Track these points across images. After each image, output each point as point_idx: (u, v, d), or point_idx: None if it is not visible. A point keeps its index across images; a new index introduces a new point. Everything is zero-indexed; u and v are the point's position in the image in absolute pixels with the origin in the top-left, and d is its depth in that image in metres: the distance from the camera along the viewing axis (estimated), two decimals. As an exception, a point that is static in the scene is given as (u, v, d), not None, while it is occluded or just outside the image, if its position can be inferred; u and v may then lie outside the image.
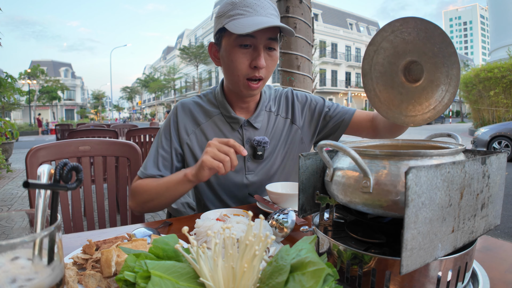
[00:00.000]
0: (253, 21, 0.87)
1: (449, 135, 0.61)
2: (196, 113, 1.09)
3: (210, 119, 1.09)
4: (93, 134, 3.05)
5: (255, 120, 1.08)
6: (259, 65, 0.92)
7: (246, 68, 0.94)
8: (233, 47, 0.93)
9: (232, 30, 0.87)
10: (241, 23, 0.88)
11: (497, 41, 22.05)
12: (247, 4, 0.90)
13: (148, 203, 0.98)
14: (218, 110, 1.09)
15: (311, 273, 0.35)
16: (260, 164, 1.09)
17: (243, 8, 0.90)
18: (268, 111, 1.13)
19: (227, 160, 0.81)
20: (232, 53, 0.93)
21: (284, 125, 1.14)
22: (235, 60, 0.94)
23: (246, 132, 1.07)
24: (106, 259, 0.51)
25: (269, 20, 0.89)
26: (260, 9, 0.91)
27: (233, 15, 0.90)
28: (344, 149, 0.46)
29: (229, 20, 0.91)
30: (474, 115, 13.30)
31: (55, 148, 1.20)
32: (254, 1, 0.91)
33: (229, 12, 0.91)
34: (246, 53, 0.93)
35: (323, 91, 34.87)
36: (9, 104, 24.32)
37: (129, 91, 54.26)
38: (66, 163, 0.35)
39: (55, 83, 32.93)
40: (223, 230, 0.41)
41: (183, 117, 1.08)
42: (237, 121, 1.06)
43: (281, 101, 1.16)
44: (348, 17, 40.06)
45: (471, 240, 0.45)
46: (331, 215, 0.59)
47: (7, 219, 0.39)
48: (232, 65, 0.95)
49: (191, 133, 1.07)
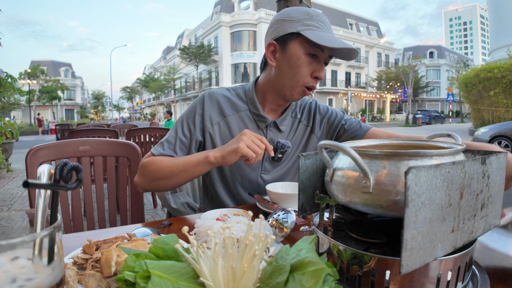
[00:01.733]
0: (330, 37, 0.93)
1: (449, 135, 0.61)
2: (224, 104, 1.09)
3: (237, 113, 1.10)
4: (93, 134, 3.05)
5: (282, 123, 1.11)
6: (320, 77, 0.99)
7: (307, 76, 0.98)
8: (303, 54, 0.96)
9: (313, 39, 0.90)
10: (321, 36, 0.92)
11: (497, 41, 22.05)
12: (322, 20, 0.96)
13: (159, 181, 0.97)
14: (246, 106, 1.11)
15: (311, 273, 0.35)
16: (277, 166, 1.12)
17: (319, 23, 0.95)
18: (294, 117, 1.16)
19: (260, 153, 0.87)
20: (300, 59, 0.97)
21: (304, 133, 1.17)
22: (301, 66, 0.97)
23: (270, 133, 1.10)
24: (106, 259, 0.51)
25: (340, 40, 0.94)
26: (329, 27, 0.98)
27: (310, 25, 0.94)
28: (344, 149, 0.46)
29: (306, 29, 0.94)
30: (474, 115, 13.30)
31: (55, 148, 1.20)
32: (325, 19, 0.98)
33: (305, 20, 0.95)
34: (311, 62, 0.97)
35: (323, 91, 34.87)
36: (9, 104, 24.32)
37: (129, 91, 54.23)
38: (66, 163, 0.35)
39: (55, 83, 32.90)
40: (223, 230, 0.41)
41: (209, 106, 1.08)
42: (264, 120, 1.08)
43: (305, 109, 1.20)
44: (348, 17, 40.06)
45: (471, 240, 0.45)
46: (331, 215, 0.59)
47: (7, 219, 0.39)
48: (297, 70, 0.98)
49: (215, 123, 1.08)
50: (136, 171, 1.30)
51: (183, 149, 1.05)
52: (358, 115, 36.70)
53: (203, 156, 0.91)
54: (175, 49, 45.20)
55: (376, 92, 37.97)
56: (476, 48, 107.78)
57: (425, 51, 49.59)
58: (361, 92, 37.59)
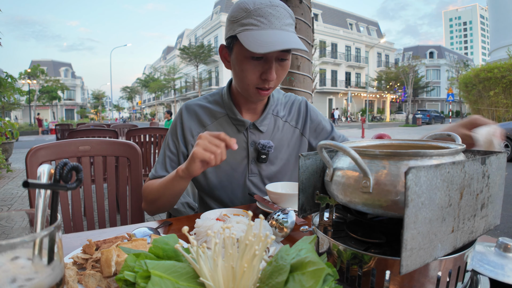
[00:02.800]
0: (268, 37, 0.83)
1: (449, 135, 0.61)
2: (201, 115, 1.09)
3: (216, 121, 1.09)
4: (93, 134, 3.05)
5: (261, 123, 1.08)
6: (269, 79, 0.91)
7: (256, 79, 0.93)
8: (245, 57, 0.90)
9: (245, 45, 0.84)
10: (255, 37, 0.84)
11: (497, 41, 22.04)
12: (261, 14, 0.85)
13: (156, 203, 1.00)
14: (224, 111, 1.09)
15: (311, 273, 0.36)
16: (265, 168, 1.09)
17: (257, 18, 0.85)
18: (275, 115, 1.12)
19: (218, 152, 0.80)
20: (244, 63, 0.91)
21: (293, 134, 1.14)
22: (245, 70, 0.92)
23: (252, 135, 1.07)
24: (106, 259, 0.51)
25: (284, 37, 0.85)
26: (275, 20, 0.86)
27: (246, 25, 0.86)
28: (344, 149, 0.46)
29: (242, 30, 0.87)
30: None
31: (55, 148, 1.20)
32: (270, 10, 0.86)
33: (242, 19, 0.87)
34: (257, 65, 0.91)
35: (323, 91, 34.87)
36: (9, 104, 24.30)
37: (129, 91, 54.22)
38: (66, 163, 0.35)
39: (55, 83, 32.89)
40: (223, 230, 0.41)
41: (188, 119, 1.09)
42: (242, 123, 1.06)
43: (292, 109, 1.16)
44: (348, 17, 40.05)
45: (470, 240, 0.45)
46: (331, 215, 0.59)
47: (7, 219, 0.39)
48: (242, 74, 0.94)
49: (196, 134, 1.07)
50: (136, 171, 1.31)
51: (174, 166, 1.06)
52: (358, 115, 36.72)
53: (174, 172, 0.90)
54: (175, 49, 45.20)
55: (376, 92, 37.98)
56: (476, 48, 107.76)
57: (425, 51, 49.59)
58: (361, 92, 37.59)
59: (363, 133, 12.51)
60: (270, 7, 0.86)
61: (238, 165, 1.07)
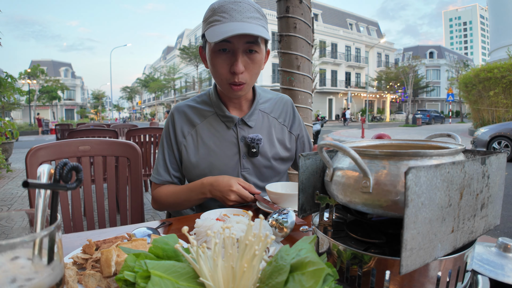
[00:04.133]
0: (226, 28, 0.89)
1: (449, 135, 0.61)
2: (190, 115, 1.12)
3: (205, 120, 1.11)
4: (93, 134, 3.05)
5: (249, 119, 1.11)
6: (235, 71, 0.94)
7: (226, 73, 0.97)
8: (213, 52, 0.96)
9: (207, 38, 0.91)
10: (215, 31, 0.90)
11: (497, 41, 22.04)
12: (224, 10, 0.92)
13: (170, 208, 1.12)
14: (212, 110, 1.12)
15: (310, 273, 0.35)
16: (255, 162, 1.12)
17: (220, 14, 0.92)
18: (263, 111, 1.16)
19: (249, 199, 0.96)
20: (213, 58, 0.97)
21: (282, 131, 1.19)
22: (215, 65, 0.97)
23: (241, 130, 1.10)
24: (106, 259, 0.51)
25: (242, 26, 0.90)
26: (237, 14, 0.91)
27: (212, 22, 0.93)
28: (344, 149, 0.46)
29: (208, 27, 0.94)
30: (473, 115, 13.30)
31: (55, 148, 1.20)
32: (232, 6, 0.92)
33: (209, 18, 0.94)
34: (225, 58, 0.96)
35: (323, 91, 34.87)
36: (9, 104, 24.30)
37: (129, 91, 54.20)
38: (66, 163, 0.35)
39: (55, 83, 32.88)
40: (223, 230, 0.41)
41: (179, 120, 1.12)
42: (231, 119, 1.09)
43: (278, 106, 1.20)
44: (348, 17, 40.06)
45: (470, 240, 0.45)
46: (331, 215, 0.59)
47: (7, 219, 0.39)
48: (213, 70, 0.99)
49: (187, 134, 1.11)
50: (136, 171, 1.31)
51: (175, 167, 1.12)
52: (358, 115, 36.72)
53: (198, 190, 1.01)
54: (175, 49, 45.19)
55: (376, 92, 37.98)
56: (476, 48, 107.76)
57: (425, 51, 49.61)
58: (361, 92, 37.59)
59: (363, 133, 12.51)
60: (232, 3, 0.92)
61: (230, 161, 1.09)
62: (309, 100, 2.25)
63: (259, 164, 1.12)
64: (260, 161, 1.12)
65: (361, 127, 14.47)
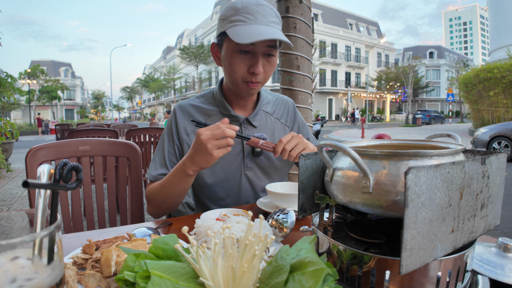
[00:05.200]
0: (253, 30, 0.90)
1: (449, 135, 0.61)
2: (194, 113, 1.12)
3: (210, 118, 1.11)
4: (93, 134, 3.05)
5: (254, 118, 1.12)
6: (256, 72, 0.96)
7: (244, 73, 0.97)
8: (233, 51, 0.96)
9: (232, 38, 0.90)
10: (241, 31, 0.90)
11: (497, 41, 22.03)
12: (248, 11, 0.92)
13: (163, 204, 1.02)
14: (217, 109, 1.12)
15: (310, 273, 0.35)
16: (258, 162, 1.12)
17: (245, 15, 0.92)
18: (265, 111, 1.17)
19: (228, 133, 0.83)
20: (232, 57, 0.96)
21: (284, 131, 1.20)
22: (234, 64, 0.97)
23: (245, 130, 1.11)
24: (106, 259, 0.51)
25: (269, 30, 0.91)
26: (261, 17, 0.92)
27: (235, 21, 0.93)
28: (344, 149, 0.46)
29: (230, 26, 0.93)
30: (473, 115, 13.30)
31: (55, 148, 1.20)
32: (256, 8, 0.93)
33: (231, 17, 0.94)
34: (245, 59, 0.96)
35: (323, 91, 34.87)
36: (9, 104, 24.29)
37: (129, 91, 54.21)
38: (66, 163, 0.35)
39: (55, 83, 32.87)
40: (223, 230, 0.41)
41: (182, 118, 1.11)
42: (236, 119, 1.09)
43: (280, 107, 1.22)
44: (348, 17, 40.06)
45: (470, 240, 0.45)
46: (331, 215, 0.59)
47: (7, 219, 0.39)
48: (231, 69, 0.98)
49: (190, 133, 1.10)
50: (136, 171, 1.31)
51: (173, 162, 1.08)
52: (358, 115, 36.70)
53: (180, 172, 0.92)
54: (175, 49, 45.19)
55: (376, 92, 37.98)
56: (476, 48, 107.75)
57: (425, 51, 49.60)
58: (361, 92, 37.59)
59: (363, 133, 12.51)
60: (256, 5, 0.93)
61: (233, 160, 1.09)
62: (309, 100, 2.25)
63: (262, 163, 1.12)
64: (263, 160, 1.12)
65: (361, 127, 14.46)
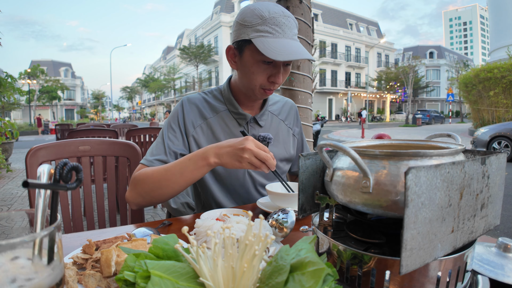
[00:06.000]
0: (283, 46, 0.89)
1: (449, 135, 0.61)
2: (203, 108, 1.12)
3: (217, 114, 1.12)
4: (93, 134, 3.05)
5: (261, 118, 1.14)
6: (277, 82, 0.99)
7: (264, 81, 0.99)
8: (257, 61, 0.96)
9: (262, 51, 0.88)
10: (271, 45, 0.89)
11: (497, 41, 22.03)
12: (276, 23, 0.91)
13: (155, 192, 0.92)
14: (224, 106, 1.13)
15: (310, 273, 0.35)
16: None
17: (272, 27, 0.91)
18: (271, 112, 1.20)
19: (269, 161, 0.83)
20: (255, 66, 0.97)
21: (287, 133, 1.23)
22: (256, 73, 0.97)
23: (252, 129, 1.13)
24: (106, 259, 0.51)
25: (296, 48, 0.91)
26: (288, 30, 0.92)
27: (262, 31, 0.91)
28: (344, 149, 0.46)
29: (257, 36, 0.91)
30: (473, 115, 13.30)
31: (55, 148, 1.20)
32: (284, 21, 0.92)
33: (257, 26, 0.92)
34: (266, 68, 0.97)
35: (323, 91, 34.86)
36: (9, 104, 24.29)
37: (129, 91, 54.21)
38: (66, 163, 0.35)
39: (55, 83, 32.89)
40: (223, 230, 0.41)
41: (189, 111, 1.10)
42: (244, 117, 1.10)
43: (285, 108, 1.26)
44: (348, 17, 40.06)
45: (470, 240, 0.45)
46: (331, 215, 0.59)
47: (7, 219, 0.39)
48: (252, 76, 0.99)
49: (197, 126, 1.09)
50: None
51: (172, 154, 1.04)
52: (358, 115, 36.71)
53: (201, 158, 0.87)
54: (175, 49, 45.20)
55: (376, 92, 37.98)
56: (476, 48, 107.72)
57: (425, 51, 49.61)
58: (361, 92, 37.58)
59: (363, 133, 12.52)
60: (283, 17, 0.92)
61: None
62: (309, 100, 2.25)
63: None
64: None
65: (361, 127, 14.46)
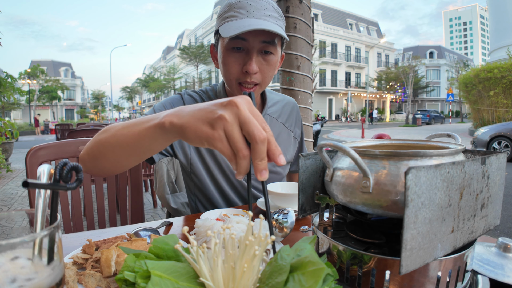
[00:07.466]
0: (242, 24, 0.84)
1: (449, 135, 0.61)
2: None
3: None
4: (93, 134, 3.04)
5: None
6: (249, 70, 0.88)
7: (237, 72, 0.91)
8: (226, 49, 0.90)
9: (221, 33, 0.86)
10: (231, 26, 0.85)
11: (497, 41, 22.03)
12: (241, 6, 0.88)
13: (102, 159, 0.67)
14: None
15: (310, 273, 0.35)
16: None
17: (237, 10, 0.88)
18: (270, 115, 1.14)
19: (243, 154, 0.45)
20: (225, 55, 0.91)
21: (288, 136, 1.19)
22: (227, 63, 0.91)
23: None
24: (106, 259, 0.51)
25: (259, 22, 0.84)
26: (255, 11, 0.87)
27: (227, 17, 0.89)
28: (344, 149, 0.46)
29: (223, 22, 0.89)
30: (473, 115, 13.30)
31: (55, 148, 1.20)
32: (250, 2, 0.88)
33: (224, 14, 0.90)
34: (238, 57, 0.90)
35: (323, 91, 34.87)
36: (9, 104, 24.29)
37: (129, 91, 54.23)
38: (66, 162, 0.35)
39: (55, 83, 32.90)
40: (223, 230, 0.41)
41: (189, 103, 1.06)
42: None
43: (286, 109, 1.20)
44: (348, 17, 40.06)
45: (470, 240, 0.45)
46: (331, 215, 0.59)
47: (7, 219, 0.39)
48: (225, 68, 0.93)
49: None
50: (136, 171, 1.30)
51: None
52: (358, 115, 36.73)
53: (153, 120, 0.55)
54: (175, 49, 45.20)
55: (376, 92, 37.99)
56: (476, 48, 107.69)
57: (425, 51, 49.63)
58: (361, 92, 37.60)
59: (363, 133, 12.52)
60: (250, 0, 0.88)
61: None
62: (309, 100, 2.25)
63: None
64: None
65: (361, 127, 14.46)
